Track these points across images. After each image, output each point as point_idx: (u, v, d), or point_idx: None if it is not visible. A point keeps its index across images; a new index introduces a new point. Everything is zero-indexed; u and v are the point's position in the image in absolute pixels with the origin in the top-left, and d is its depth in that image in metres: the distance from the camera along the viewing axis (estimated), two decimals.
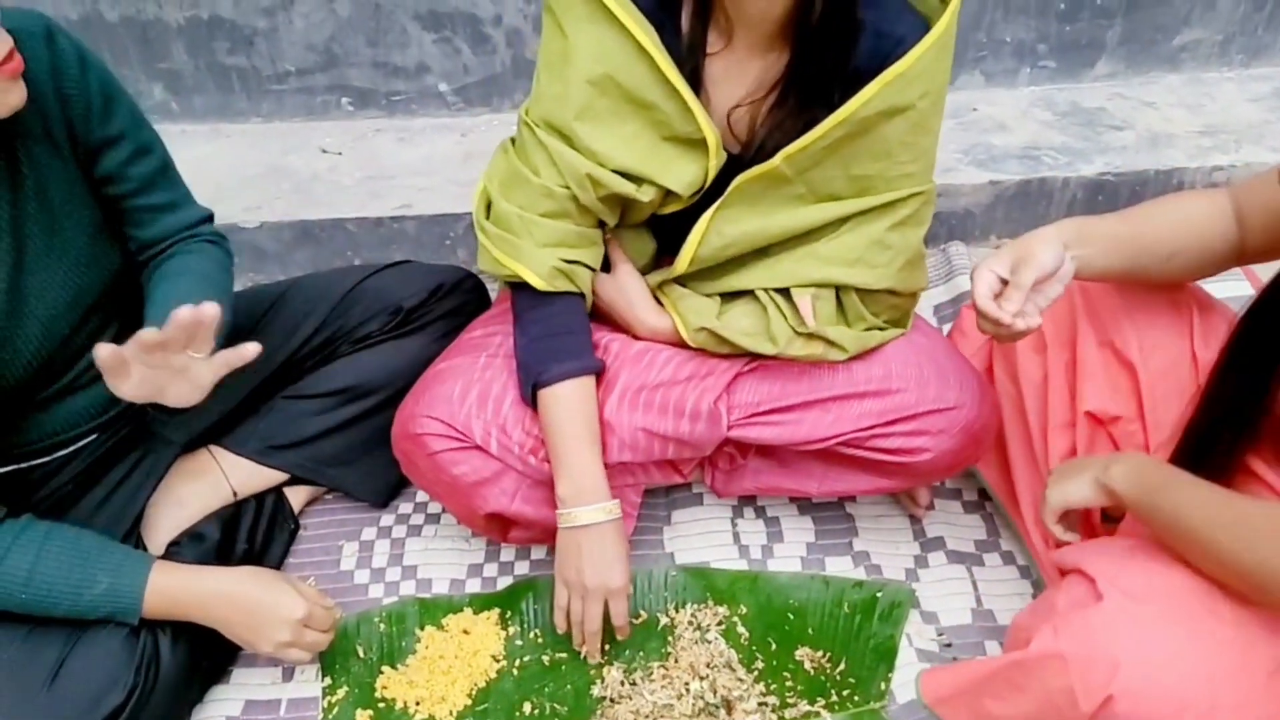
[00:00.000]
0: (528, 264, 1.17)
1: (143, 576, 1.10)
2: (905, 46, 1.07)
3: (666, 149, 1.15)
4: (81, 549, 1.10)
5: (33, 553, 1.07)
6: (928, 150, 1.18)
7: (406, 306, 1.43)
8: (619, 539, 1.19)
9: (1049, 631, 0.94)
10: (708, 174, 1.16)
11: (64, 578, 1.07)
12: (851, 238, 1.20)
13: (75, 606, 1.08)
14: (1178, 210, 1.13)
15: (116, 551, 1.13)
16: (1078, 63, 2.29)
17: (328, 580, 1.42)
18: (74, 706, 1.06)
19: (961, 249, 1.99)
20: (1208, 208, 1.11)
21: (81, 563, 1.09)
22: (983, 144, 2.12)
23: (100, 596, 1.08)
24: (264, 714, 1.24)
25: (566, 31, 1.10)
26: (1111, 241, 1.10)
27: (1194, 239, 1.11)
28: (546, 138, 1.14)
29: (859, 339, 1.24)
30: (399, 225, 1.96)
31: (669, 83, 1.10)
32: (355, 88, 2.20)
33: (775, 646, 1.30)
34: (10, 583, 1.05)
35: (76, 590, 1.07)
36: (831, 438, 1.26)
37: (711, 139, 1.13)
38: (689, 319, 1.25)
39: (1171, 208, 1.14)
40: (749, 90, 1.15)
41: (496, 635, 1.32)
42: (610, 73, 1.10)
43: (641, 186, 1.16)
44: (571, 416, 1.19)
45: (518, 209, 1.16)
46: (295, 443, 1.40)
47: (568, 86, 1.11)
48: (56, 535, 1.09)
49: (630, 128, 1.13)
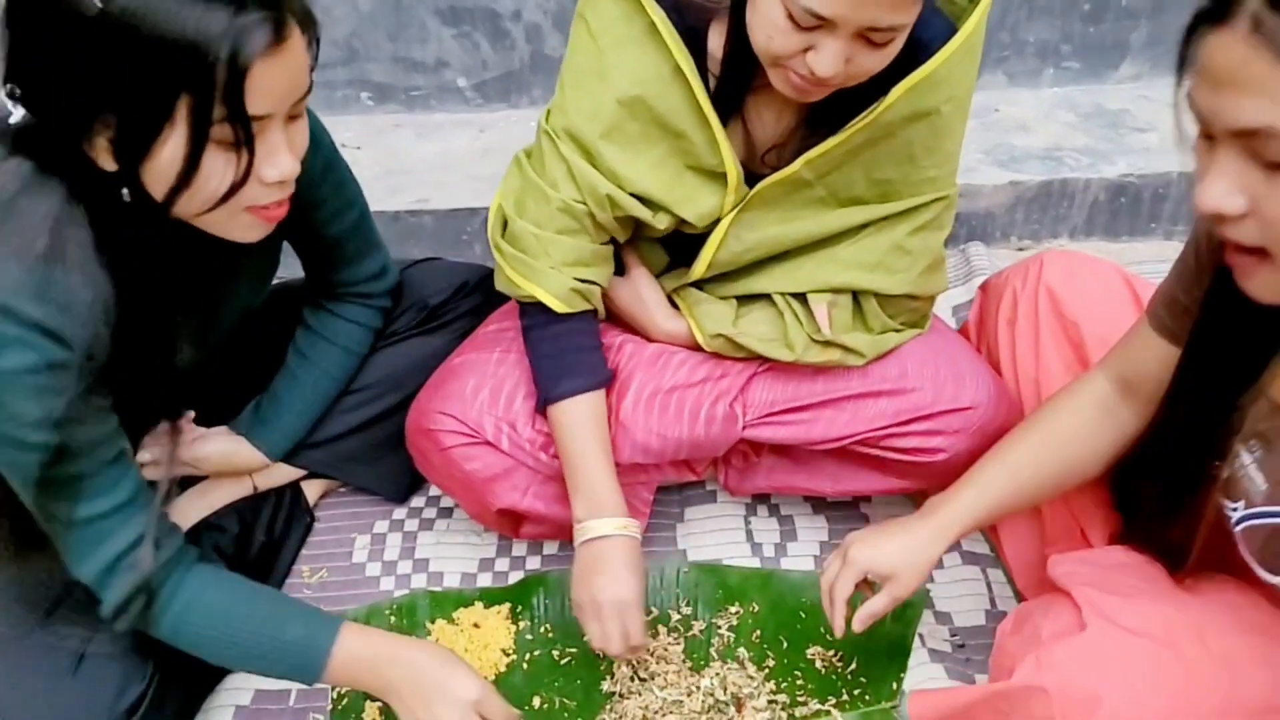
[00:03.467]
0: (545, 286, 1.15)
1: (334, 629, 1.06)
2: (931, 50, 1.04)
3: (689, 178, 1.13)
4: (274, 597, 1.12)
5: (230, 591, 1.06)
6: (951, 155, 1.16)
7: (432, 304, 1.43)
8: (635, 555, 1.15)
9: (1032, 662, 0.92)
10: (724, 208, 1.15)
11: (261, 618, 1.05)
12: (872, 242, 1.18)
13: (264, 650, 1.04)
14: (1055, 444, 1.06)
15: (306, 606, 1.12)
16: (1102, 64, 2.27)
17: (339, 572, 1.42)
18: (99, 695, 1.06)
19: (981, 250, 1.97)
20: (1089, 416, 1.05)
21: (277, 608, 1.08)
22: (1004, 144, 2.10)
23: (290, 643, 1.05)
24: (274, 704, 1.24)
25: (602, 47, 1.08)
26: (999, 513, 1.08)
27: (1087, 460, 1.06)
28: (568, 151, 1.12)
29: (876, 343, 1.23)
30: (416, 220, 1.96)
31: (701, 113, 1.08)
32: (375, 82, 2.20)
33: (786, 645, 1.29)
34: (207, 616, 1.03)
35: (272, 633, 1.04)
36: (847, 437, 1.25)
37: (733, 174, 1.12)
38: (705, 324, 1.24)
39: (1047, 447, 1.06)
40: (788, 124, 1.13)
41: (507, 629, 1.32)
42: (644, 96, 1.07)
43: (658, 214, 1.15)
44: (584, 434, 1.17)
45: (533, 227, 1.14)
46: (320, 440, 1.40)
47: (597, 103, 1.09)
48: (245, 581, 1.09)
49: (656, 153, 1.11)
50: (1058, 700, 0.88)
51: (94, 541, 0.95)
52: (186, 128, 0.81)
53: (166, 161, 0.83)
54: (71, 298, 0.84)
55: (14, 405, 0.84)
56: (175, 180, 0.84)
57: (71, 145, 0.84)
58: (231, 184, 0.86)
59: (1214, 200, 0.69)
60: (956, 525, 1.05)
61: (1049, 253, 1.30)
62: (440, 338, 1.43)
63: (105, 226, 0.87)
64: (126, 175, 0.85)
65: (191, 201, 0.87)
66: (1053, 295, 1.24)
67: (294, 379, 1.35)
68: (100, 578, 0.97)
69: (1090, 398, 1.06)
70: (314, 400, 1.36)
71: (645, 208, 1.14)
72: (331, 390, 1.37)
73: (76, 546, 0.96)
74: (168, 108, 0.80)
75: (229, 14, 0.79)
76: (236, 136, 0.83)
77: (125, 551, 0.96)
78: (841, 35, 0.92)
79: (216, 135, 0.83)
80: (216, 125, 0.82)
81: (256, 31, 0.80)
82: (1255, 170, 0.67)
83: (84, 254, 0.85)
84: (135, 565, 0.97)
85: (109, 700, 1.06)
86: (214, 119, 0.81)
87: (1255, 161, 0.67)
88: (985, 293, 1.39)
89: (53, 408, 0.85)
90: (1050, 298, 1.24)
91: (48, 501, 0.92)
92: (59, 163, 0.85)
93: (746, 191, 1.14)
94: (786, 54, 0.95)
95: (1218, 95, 0.67)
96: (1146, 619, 0.91)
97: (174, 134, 0.82)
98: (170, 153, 0.83)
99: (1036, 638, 0.96)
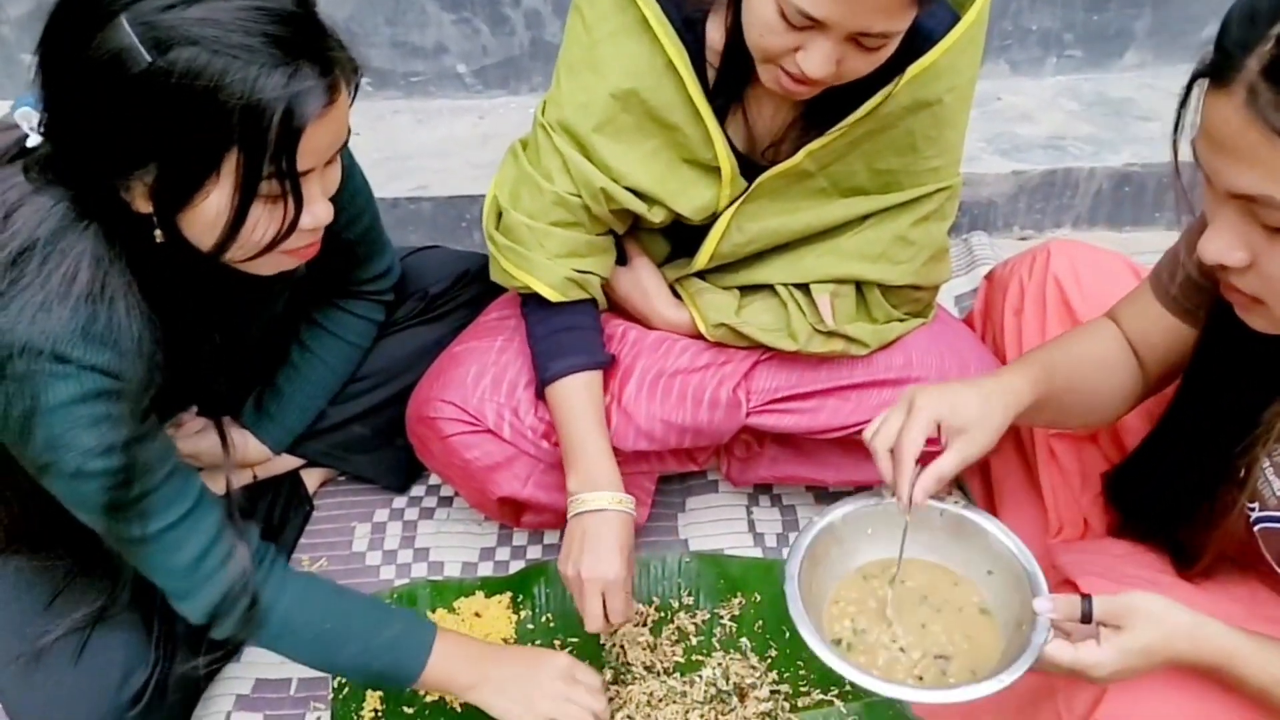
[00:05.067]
0: (539, 276, 1.15)
1: (432, 630, 1.09)
2: (934, 40, 1.03)
3: (684, 171, 1.13)
4: (367, 599, 1.14)
5: (332, 589, 1.09)
6: (953, 145, 1.15)
7: (433, 293, 1.43)
8: (624, 531, 1.13)
9: None
10: (720, 202, 1.14)
11: (363, 614, 1.08)
12: (874, 233, 1.18)
13: (367, 646, 1.06)
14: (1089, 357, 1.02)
15: (399, 609, 1.16)
16: (1105, 53, 2.25)
17: (340, 561, 1.41)
18: (102, 684, 1.05)
19: (984, 239, 1.97)
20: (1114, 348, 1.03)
21: (378, 606, 1.11)
22: (1007, 133, 2.09)
23: (389, 641, 1.07)
24: (274, 693, 1.24)
25: (595, 39, 1.07)
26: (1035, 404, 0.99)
27: (1113, 388, 1.03)
28: (563, 144, 1.11)
29: (879, 333, 1.22)
30: (415, 206, 1.95)
31: (695, 106, 1.07)
32: (374, 68, 2.19)
33: (789, 635, 1.29)
34: (315, 609, 1.05)
35: (373, 628, 1.07)
36: (851, 426, 1.25)
37: (726, 169, 1.11)
38: (708, 314, 1.23)
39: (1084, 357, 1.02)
40: (787, 117, 1.13)
41: (508, 619, 1.32)
42: (637, 89, 1.07)
43: (653, 208, 1.14)
44: (580, 411, 1.17)
45: (527, 218, 1.14)
46: (320, 430, 1.39)
47: (590, 96, 1.08)
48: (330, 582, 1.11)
49: (649, 146, 1.11)
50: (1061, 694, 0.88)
51: (171, 549, 0.96)
52: (234, 183, 0.81)
53: (206, 211, 0.83)
54: (119, 334, 0.84)
55: (72, 437, 0.85)
56: (221, 233, 0.84)
57: (108, 189, 0.83)
58: (275, 235, 0.86)
59: (1217, 253, 0.70)
60: (1017, 386, 0.94)
61: (1055, 242, 1.29)
62: (441, 327, 1.42)
63: (140, 265, 0.87)
64: (162, 220, 0.84)
65: (237, 250, 0.87)
66: (1060, 286, 1.23)
67: (298, 373, 1.34)
68: (184, 584, 0.97)
69: (1114, 340, 1.03)
70: (317, 394, 1.36)
71: (640, 201, 1.13)
72: (334, 384, 1.37)
73: (154, 560, 0.96)
74: (214, 162, 0.80)
75: (285, 77, 0.78)
76: (283, 190, 0.83)
77: (203, 553, 0.96)
78: (833, 37, 0.91)
79: (264, 191, 0.83)
80: (264, 181, 0.82)
81: (311, 96, 0.80)
82: (1256, 229, 0.67)
83: (126, 289, 0.85)
84: (224, 564, 0.97)
85: (113, 689, 1.05)
86: (263, 175, 0.81)
87: (1256, 221, 0.67)
88: (991, 282, 1.39)
89: (110, 436, 0.86)
90: (1058, 288, 1.23)
91: (119, 525, 0.92)
92: (94, 203, 0.84)
93: (742, 185, 1.13)
94: (778, 52, 0.95)
95: (1217, 156, 0.67)
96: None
97: (217, 187, 0.82)
98: (213, 204, 0.83)
99: None
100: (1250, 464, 0.85)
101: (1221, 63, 0.65)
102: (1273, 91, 0.62)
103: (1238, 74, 0.64)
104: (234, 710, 1.22)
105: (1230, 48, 0.65)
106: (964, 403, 0.91)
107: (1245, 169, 0.65)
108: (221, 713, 1.22)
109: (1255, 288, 0.71)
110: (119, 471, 0.87)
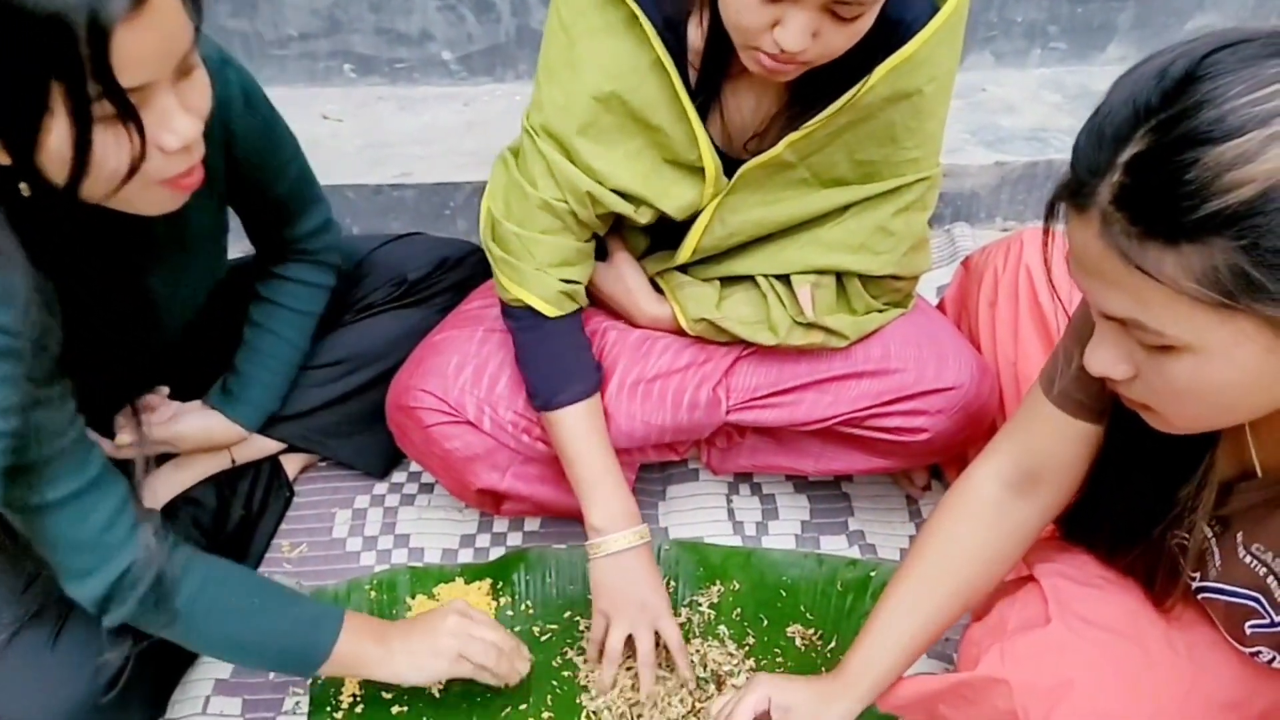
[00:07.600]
0: (533, 290, 1.15)
1: (340, 610, 1.10)
2: (912, 31, 1.03)
3: (666, 171, 1.12)
4: (279, 583, 1.14)
5: (237, 567, 1.09)
6: (933, 135, 1.16)
7: (411, 278, 1.42)
8: (652, 562, 1.19)
9: (996, 654, 0.91)
10: (703, 200, 1.14)
11: (271, 592, 1.08)
12: (855, 223, 1.18)
13: (277, 624, 1.06)
14: (951, 568, 0.97)
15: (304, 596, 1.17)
16: (1089, 45, 2.26)
17: (320, 547, 1.41)
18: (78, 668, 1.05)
19: (966, 230, 1.98)
20: (982, 524, 0.97)
21: (282, 587, 1.11)
22: (990, 125, 2.10)
23: (299, 617, 1.07)
24: (253, 678, 1.24)
25: (573, 37, 1.06)
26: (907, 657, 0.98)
27: (992, 570, 0.98)
28: (546, 148, 1.10)
29: (859, 324, 1.23)
30: (398, 193, 1.94)
31: (680, 106, 1.07)
32: (358, 54, 2.17)
33: (767, 623, 1.30)
34: (223, 586, 1.04)
35: (283, 606, 1.07)
36: (830, 418, 1.25)
37: (710, 168, 1.11)
38: (689, 308, 1.23)
39: (945, 573, 0.97)
40: (768, 110, 1.12)
41: (488, 605, 1.32)
42: (618, 90, 1.06)
43: (640, 209, 1.14)
44: (588, 443, 1.18)
45: (516, 227, 1.14)
46: (297, 414, 1.39)
47: (570, 97, 1.07)
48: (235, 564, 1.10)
49: (632, 146, 1.10)
50: (1020, 693, 0.88)
51: (75, 519, 0.93)
52: (66, 112, 0.76)
53: (56, 149, 0.78)
54: (13, 294, 0.81)
55: None
56: (71, 167, 0.79)
57: None
58: (130, 161, 0.81)
59: (1102, 367, 0.70)
60: (867, 677, 0.97)
61: (1029, 231, 1.30)
62: (419, 312, 1.42)
63: (21, 221, 0.83)
64: (22, 168, 0.79)
65: (95, 185, 0.82)
66: (1032, 277, 1.24)
67: (252, 349, 1.33)
68: (87, 558, 0.95)
69: (980, 505, 0.97)
70: (277, 368, 1.34)
71: (626, 202, 1.13)
72: (292, 355, 1.36)
73: (57, 530, 0.93)
74: (41, 95, 0.75)
75: None
76: (119, 111, 0.78)
77: (108, 525, 0.94)
78: (808, 7, 0.91)
79: (98, 114, 0.77)
80: (95, 104, 0.76)
81: None
82: (1136, 345, 0.67)
83: (12, 248, 0.81)
84: (129, 538, 0.95)
85: (88, 674, 1.05)
86: (91, 98, 0.76)
87: (1134, 338, 0.66)
88: (967, 270, 1.39)
89: (5, 396, 0.83)
90: (1030, 280, 1.24)
91: (18, 490, 0.89)
92: None
93: (725, 183, 1.13)
94: (755, 28, 0.94)
95: (1085, 279, 0.66)
96: (1112, 612, 0.91)
97: (56, 121, 0.77)
98: (57, 140, 0.77)
99: (1003, 628, 0.95)
100: (1191, 533, 0.84)
101: (1076, 188, 0.64)
102: (1125, 221, 0.60)
103: (1091, 200, 0.62)
104: (212, 695, 1.22)
105: (1082, 174, 0.63)
106: (798, 688, 0.99)
107: (1113, 294, 0.64)
108: (200, 698, 1.22)
109: (1142, 395, 0.71)
110: (15, 435, 0.84)
